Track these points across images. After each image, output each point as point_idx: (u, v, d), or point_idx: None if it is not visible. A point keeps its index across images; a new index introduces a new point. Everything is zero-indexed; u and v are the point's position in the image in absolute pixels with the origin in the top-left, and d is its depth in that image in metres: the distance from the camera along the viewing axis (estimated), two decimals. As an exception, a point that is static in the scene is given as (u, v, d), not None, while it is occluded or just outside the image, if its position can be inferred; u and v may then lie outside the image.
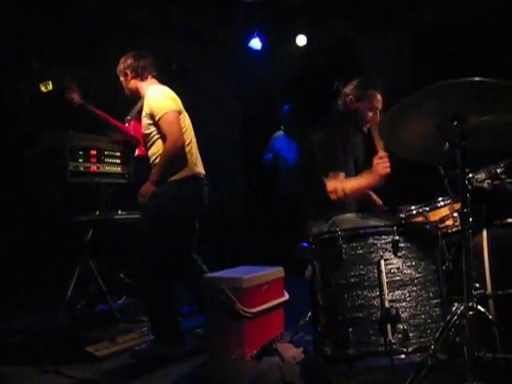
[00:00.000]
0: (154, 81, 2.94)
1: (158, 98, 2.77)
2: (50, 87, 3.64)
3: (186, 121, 2.89)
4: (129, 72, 2.92)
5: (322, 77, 4.06)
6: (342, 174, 2.58)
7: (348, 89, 2.72)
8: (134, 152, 2.97)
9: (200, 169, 2.91)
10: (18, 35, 3.69)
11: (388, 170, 2.40)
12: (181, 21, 4.73)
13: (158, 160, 2.79)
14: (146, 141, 2.86)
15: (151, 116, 2.76)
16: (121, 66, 2.95)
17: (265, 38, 5.40)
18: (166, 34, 4.60)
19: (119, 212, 3.24)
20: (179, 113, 2.81)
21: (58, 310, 3.13)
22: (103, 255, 3.62)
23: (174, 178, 2.77)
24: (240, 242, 5.39)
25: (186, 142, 2.82)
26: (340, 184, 2.51)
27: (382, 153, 2.41)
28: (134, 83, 2.93)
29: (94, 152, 3.16)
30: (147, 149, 2.87)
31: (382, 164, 2.40)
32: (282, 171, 5.30)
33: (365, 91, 2.68)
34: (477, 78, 1.54)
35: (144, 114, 2.81)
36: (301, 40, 5.33)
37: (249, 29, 5.34)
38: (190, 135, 2.89)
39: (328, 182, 2.56)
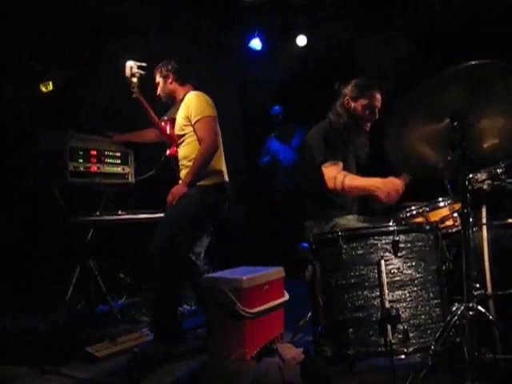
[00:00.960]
0: (191, 87, 3.00)
1: (199, 102, 2.84)
2: (50, 87, 3.64)
3: (218, 129, 2.94)
4: (171, 74, 2.97)
5: (323, 77, 4.05)
6: (341, 164, 2.56)
7: (346, 89, 2.73)
8: (166, 152, 3.03)
9: (227, 177, 2.96)
10: (17, 35, 3.69)
11: (390, 200, 2.36)
12: (181, 21, 4.73)
13: (189, 162, 2.85)
14: (178, 142, 2.92)
15: (188, 118, 2.82)
16: (163, 68, 3.00)
17: (265, 38, 5.40)
18: (166, 34, 4.60)
19: (119, 212, 3.24)
20: (216, 120, 2.88)
21: (58, 310, 3.13)
22: (103, 255, 3.61)
23: (204, 183, 2.82)
24: (240, 242, 5.39)
25: (218, 149, 2.88)
26: (342, 175, 2.48)
27: (400, 184, 2.38)
28: (173, 86, 2.99)
29: (94, 152, 3.16)
30: (178, 150, 2.93)
31: (392, 191, 2.35)
32: (280, 173, 5.30)
33: (361, 91, 2.68)
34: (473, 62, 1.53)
35: (182, 115, 2.86)
36: (301, 40, 5.32)
37: (249, 29, 5.33)
38: (220, 143, 2.94)
39: (327, 169, 2.53)
